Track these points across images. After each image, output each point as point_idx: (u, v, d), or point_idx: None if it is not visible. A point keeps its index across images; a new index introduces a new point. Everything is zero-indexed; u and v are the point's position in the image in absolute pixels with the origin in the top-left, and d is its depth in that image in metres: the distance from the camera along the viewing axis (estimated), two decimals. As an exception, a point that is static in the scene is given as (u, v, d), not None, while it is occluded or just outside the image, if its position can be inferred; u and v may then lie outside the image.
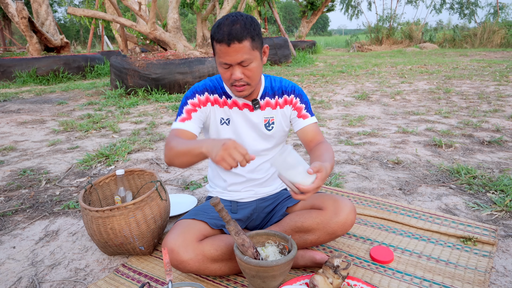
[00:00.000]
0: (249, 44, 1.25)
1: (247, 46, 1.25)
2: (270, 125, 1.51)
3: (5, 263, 1.63)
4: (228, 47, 1.23)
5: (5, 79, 8.25)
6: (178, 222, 1.45)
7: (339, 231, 1.39)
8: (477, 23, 20.62)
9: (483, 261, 1.51)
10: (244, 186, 1.57)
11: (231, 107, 1.48)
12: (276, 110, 1.51)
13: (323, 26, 60.67)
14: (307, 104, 1.54)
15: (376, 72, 8.53)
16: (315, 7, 16.49)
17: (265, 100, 1.49)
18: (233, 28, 1.23)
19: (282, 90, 1.51)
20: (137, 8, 6.70)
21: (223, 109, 1.48)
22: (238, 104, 1.48)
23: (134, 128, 4.01)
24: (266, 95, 1.50)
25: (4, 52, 15.73)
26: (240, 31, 1.23)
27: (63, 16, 35.18)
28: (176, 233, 1.35)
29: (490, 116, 3.99)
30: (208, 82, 1.50)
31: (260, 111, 1.49)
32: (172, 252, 1.31)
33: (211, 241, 1.37)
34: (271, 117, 1.50)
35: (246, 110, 1.48)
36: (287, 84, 1.53)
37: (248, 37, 1.24)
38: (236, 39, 1.22)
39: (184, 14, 32.33)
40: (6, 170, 2.84)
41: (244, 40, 1.24)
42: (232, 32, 1.22)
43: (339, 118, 4.21)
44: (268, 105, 1.50)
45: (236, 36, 1.22)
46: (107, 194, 1.82)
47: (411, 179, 2.40)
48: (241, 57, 1.25)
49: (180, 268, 1.33)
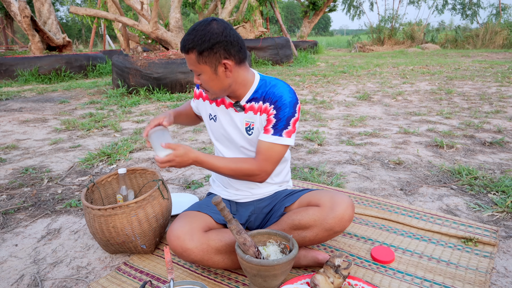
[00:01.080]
0: (195, 58, 1.27)
1: (193, 59, 1.28)
2: (251, 129, 1.45)
3: (7, 260, 1.64)
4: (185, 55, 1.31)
5: (7, 78, 8.27)
6: (184, 212, 1.47)
7: (337, 227, 1.38)
8: (479, 24, 20.58)
9: (484, 261, 1.51)
10: (240, 184, 1.58)
11: (218, 104, 1.51)
12: (257, 115, 1.43)
13: (325, 26, 60.64)
14: (280, 121, 1.36)
15: (377, 72, 8.52)
16: (317, 7, 16.48)
17: (250, 104, 1.43)
18: (186, 37, 1.27)
19: (269, 96, 1.39)
20: (139, 8, 6.71)
21: (212, 105, 1.54)
22: (225, 103, 1.49)
23: (136, 127, 4.02)
24: (253, 99, 1.42)
25: (6, 51, 15.77)
26: (188, 43, 1.27)
27: (65, 15, 35.24)
28: (183, 221, 1.37)
29: (492, 117, 3.99)
30: None
31: (243, 113, 1.45)
32: (178, 239, 1.32)
33: (216, 232, 1.40)
34: (252, 121, 1.44)
35: (231, 110, 1.48)
36: (278, 91, 1.38)
37: (194, 50, 1.26)
38: (183, 49, 1.29)
39: (186, 14, 32.37)
40: (8, 169, 2.85)
41: (190, 53, 1.27)
42: (183, 41, 1.28)
43: (340, 118, 4.21)
44: (251, 109, 1.43)
45: (183, 46, 1.28)
46: (109, 192, 1.83)
47: (412, 180, 2.40)
48: (190, 66, 1.32)
49: (184, 256, 1.34)
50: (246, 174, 1.40)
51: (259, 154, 1.40)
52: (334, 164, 2.73)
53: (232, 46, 1.28)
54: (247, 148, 1.51)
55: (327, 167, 2.66)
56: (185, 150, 1.33)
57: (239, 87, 1.40)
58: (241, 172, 1.40)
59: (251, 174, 1.40)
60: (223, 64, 1.29)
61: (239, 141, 1.50)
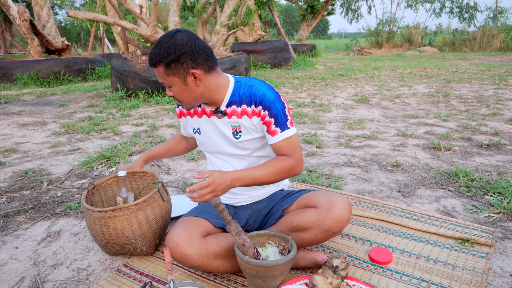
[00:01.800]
0: (163, 70, 1.28)
1: (161, 72, 1.29)
2: (238, 133, 1.45)
3: (8, 263, 1.65)
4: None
5: (6, 81, 8.28)
6: (182, 218, 1.48)
7: (335, 228, 1.39)
8: (477, 27, 20.69)
9: (480, 262, 1.53)
10: (237, 188, 1.58)
11: (200, 115, 1.51)
12: (242, 119, 1.42)
13: (323, 29, 60.83)
14: (278, 117, 1.38)
15: (375, 75, 8.57)
16: (315, 11, 16.55)
17: (231, 108, 1.42)
18: (152, 51, 1.28)
19: (251, 98, 1.39)
20: (138, 11, 6.74)
21: (194, 118, 1.55)
22: (206, 112, 1.48)
23: (135, 130, 4.04)
24: (232, 103, 1.42)
25: (5, 54, 15.78)
26: (154, 56, 1.27)
27: (64, 18, 35.31)
28: (181, 228, 1.38)
29: (489, 120, 4.02)
30: None
31: (227, 119, 1.44)
32: (177, 245, 1.33)
33: (215, 237, 1.41)
34: (238, 125, 1.44)
35: (213, 118, 1.47)
36: (257, 91, 1.38)
37: (161, 63, 1.27)
38: (151, 63, 1.30)
39: (185, 17, 32.44)
40: (8, 172, 2.86)
41: (158, 66, 1.28)
42: (150, 55, 1.30)
43: (338, 121, 4.23)
44: (234, 113, 1.42)
45: (151, 60, 1.29)
46: (109, 195, 1.84)
47: (410, 182, 2.42)
48: (160, 79, 1.33)
49: (183, 262, 1.35)
50: (287, 171, 1.42)
51: (283, 150, 1.42)
52: (332, 166, 2.75)
53: (199, 55, 1.29)
54: (237, 155, 1.50)
55: (326, 169, 2.68)
56: (219, 172, 1.31)
57: (214, 94, 1.39)
58: (283, 171, 1.41)
59: (291, 168, 1.42)
60: (192, 74, 1.30)
61: (227, 149, 1.50)
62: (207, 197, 1.28)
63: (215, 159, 1.58)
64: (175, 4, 7.25)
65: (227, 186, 1.32)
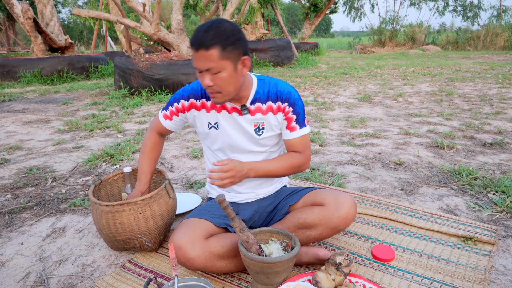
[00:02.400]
0: (218, 53, 1.23)
1: (214, 55, 1.23)
2: (260, 130, 1.48)
3: (13, 258, 1.67)
4: (196, 53, 1.25)
5: (10, 79, 8.32)
6: (184, 221, 1.48)
7: (341, 226, 1.43)
8: (480, 25, 20.61)
9: (483, 260, 1.53)
10: (244, 187, 1.59)
11: (219, 110, 1.48)
12: (267, 115, 1.46)
13: (326, 28, 60.70)
14: (300, 115, 1.47)
15: (378, 74, 8.55)
16: (318, 9, 16.53)
17: (255, 105, 1.45)
18: (204, 34, 1.23)
19: (277, 95, 1.44)
20: (141, 9, 6.75)
21: (210, 113, 1.49)
22: (227, 108, 1.47)
23: (138, 128, 4.05)
24: (257, 100, 1.45)
25: (9, 52, 15.84)
26: (209, 39, 1.22)
27: (67, 16, 35.36)
28: (183, 231, 1.38)
29: (492, 119, 4.01)
30: (196, 86, 1.50)
31: (250, 116, 1.46)
32: (180, 249, 1.34)
33: (217, 239, 1.41)
34: (261, 122, 1.47)
35: (235, 114, 1.47)
36: (283, 89, 1.45)
37: (218, 45, 1.22)
38: (203, 45, 1.23)
39: (187, 16, 32.44)
40: (12, 169, 2.88)
41: (212, 49, 1.22)
42: (200, 38, 1.23)
43: (341, 120, 4.23)
44: (258, 110, 1.45)
45: (203, 43, 1.22)
46: (115, 191, 1.86)
47: (412, 180, 2.42)
48: (207, 64, 1.25)
49: (187, 265, 1.36)
50: (298, 167, 1.51)
51: (297, 147, 1.50)
52: (335, 165, 2.76)
53: (247, 44, 1.32)
54: (254, 151, 1.52)
55: (328, 168, 2.68)
56: (237, 161, 1.37)
57: (244, 88, 1.41)
58: (294, 166, 1.49)
59: (301, 164, 1.51)
60: (242, 61, 1.30)
61: (245, 145, 1.50)
62: (226, 181, 1.33)
63: (222, 156, 1.57)
64: (178, 2, 7.26)
65: (244, 175, 1.38)
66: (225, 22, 1.28)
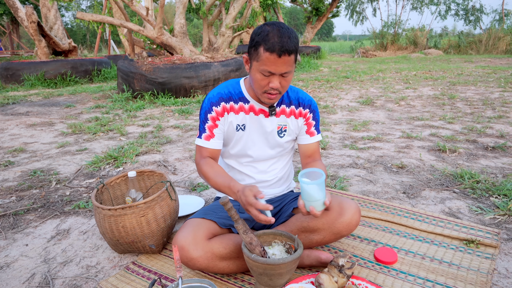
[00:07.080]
0: (294, 58, 1.31)
1: (292, 60, 1.31)
2: (282, 132, 1.55)
3: (18, 260, 1.68)
4: (278, 58, 1.27)
5: (13, 82, 8.37)
6: (188, 221, 1.49)
7: (344, 231, 1.44)
8: (482, 29, 20.62)
9: (485, 263, 1.53)
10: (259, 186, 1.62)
11: (247, 112, 1.51)
12: (290, 118, 1.55)
13: (328, 31, 60.84)
14: (317, 121, 1.59)
15: (380, 77, 8.56)
16: (320, 13, 16.58)
17: (281, 108, 1.53)
18: (286, 40, 1.26)
19: (299, 101, 1.55)
20: (144, 13, 6.80)
21: (239, 115, 1.51)
22: (254, 109, 1.51)
23: (141, 131, 4.07)
24: (282, 103, 1.53)
25: (12, 56, 15.94)
26: (291, 45, 1.27)
27: (70, 20, 35.60)
28: (186, 231, 1.39)
29: (495, 122, 4.01)
30: (222, 91, 1.51)
31: (275, 117, 1.53)
32: (183, 249, 1.35)
33: (220, 240, 1.42)
34: (284, 124, 1.54)
35: (261, 116, 1.52)
36: (304, 96, 1.56)
37: (295, 51, 1.30)
38: (287, 52, 1.27)
39: (190, 19, 32.58)
40: (17, 171, 2.90)
41: (293, 54, 1.29)
42: (285, 44, 1.26)
43: (343, 123, 4.24)
44: (283, 112, 1.54)
45: (288, 49, 1.27)
46: (118, 194, 1.87)
47: (415, 183, 2.43)
48: (286, 68, 1.31)
49: (189, 265, 1.38)
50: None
51: (314, 151, 1.60)
52: (337, 168, 2.77)
53: None
54: (265, 160, 1.59)
55: (331, 171, 2.69)
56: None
57: None
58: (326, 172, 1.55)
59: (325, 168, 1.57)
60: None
61: (264, 149, 1.56)
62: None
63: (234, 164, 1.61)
64: (181, 6, 7.30)
65: None
66: (286, 25, 1.34)
